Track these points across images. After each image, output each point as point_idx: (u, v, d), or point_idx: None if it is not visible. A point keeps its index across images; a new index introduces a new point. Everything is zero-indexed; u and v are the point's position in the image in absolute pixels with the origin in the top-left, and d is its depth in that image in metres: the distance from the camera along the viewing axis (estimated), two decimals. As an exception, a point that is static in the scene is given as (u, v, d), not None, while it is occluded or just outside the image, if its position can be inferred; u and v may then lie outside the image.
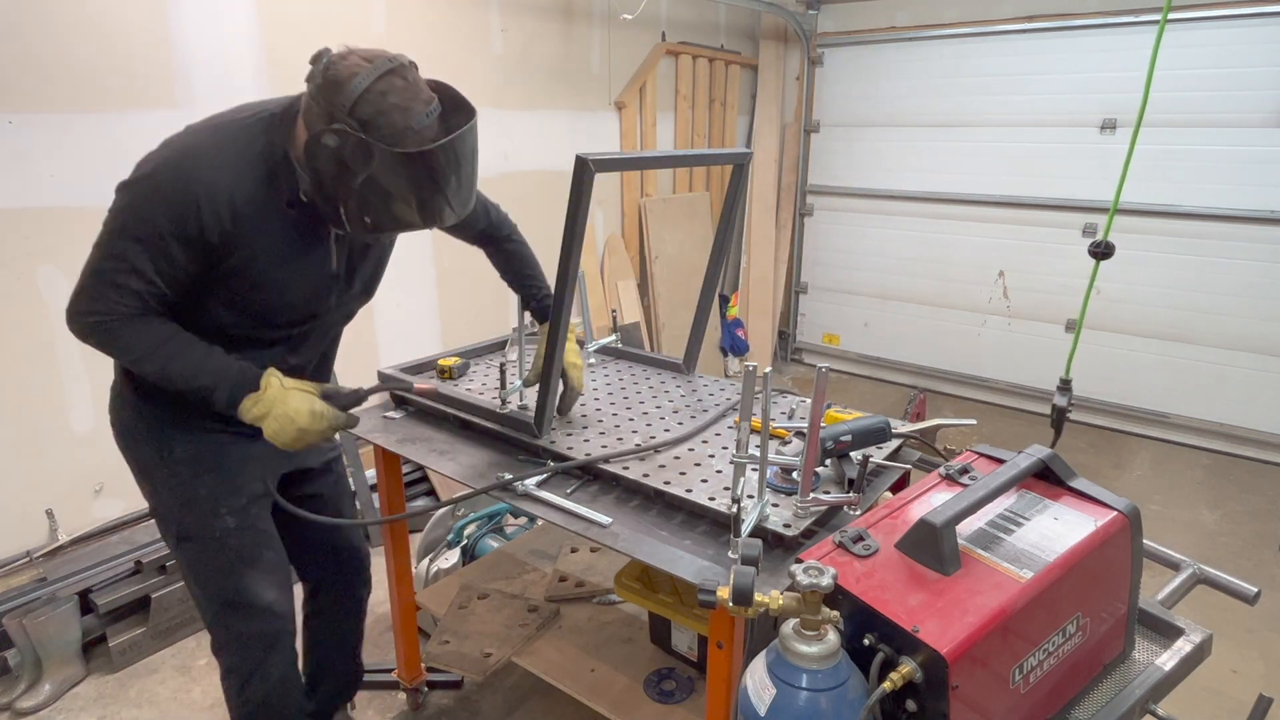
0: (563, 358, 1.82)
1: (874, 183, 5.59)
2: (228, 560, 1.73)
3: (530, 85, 4.23)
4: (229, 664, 1.82)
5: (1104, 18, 4.51)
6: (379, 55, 1.42)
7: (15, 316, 2.67)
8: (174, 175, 1.42)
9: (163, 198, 1.42)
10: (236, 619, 1.77)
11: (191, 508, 1.70)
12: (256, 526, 1.77)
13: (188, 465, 1.68)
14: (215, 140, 1.47)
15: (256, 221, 1.48)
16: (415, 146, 1.39)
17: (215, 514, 1.70)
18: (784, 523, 1.49)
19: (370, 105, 1.37)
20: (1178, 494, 4.14)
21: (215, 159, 1.44)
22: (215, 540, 1.72)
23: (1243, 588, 1.60)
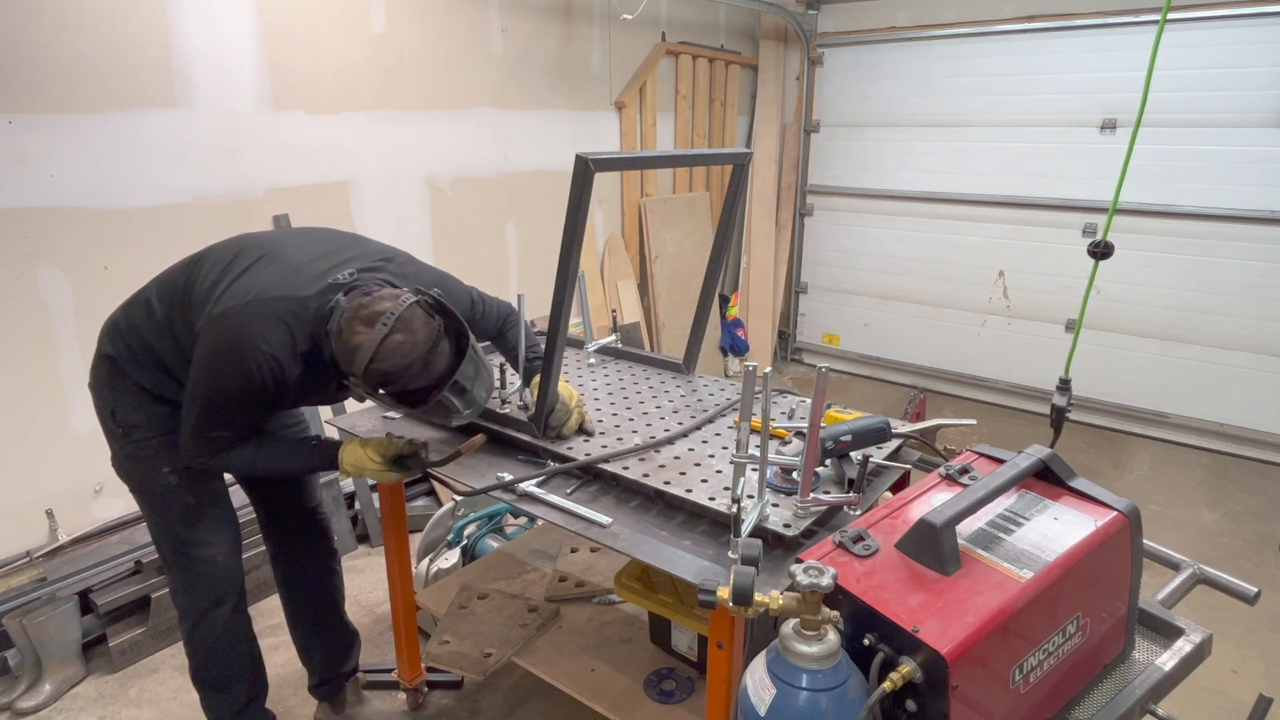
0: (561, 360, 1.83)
1: (874, 183, 5.59)
2: (172, 513, 1.99)
3: (530, 85, 4.23)
4: (180, 608, 2.07)
5: (1104, 18, 4.51)
6: (381, 313, 1.66)
7: (15, 316, 2.67)
8: (241, 361, 1.71)
9: (235, 380, 1.73)
10: (184, 567, 2.02)
11: (138, 463, 1.95)
12: (202, 488, 2.00)
13: (138, 428, 1.92)
14: (273, 333, 1.72)
15: (300, 383, 1.80)
16: (424, 382, 1.70)
17: (158, 470, 1.94)
18: (784, 523, 1.49)
19: (377, 371, 1.66)
20: (1178, 494, 4.14)
21: (271, 350, 1.72)
22: (158, 494, 1.97)
23: (1243, 588, 1.60)
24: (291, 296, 1.74)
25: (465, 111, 3.94)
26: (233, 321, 1.72)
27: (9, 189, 2.60)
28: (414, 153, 3.76)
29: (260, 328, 1.71)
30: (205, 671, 2.12)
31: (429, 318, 1.70)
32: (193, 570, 2.02)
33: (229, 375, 1.72)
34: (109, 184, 2.80)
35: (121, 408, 1.92)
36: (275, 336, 1.71)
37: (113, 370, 1.91)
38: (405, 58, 3.62)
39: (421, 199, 3.81)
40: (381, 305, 1.67)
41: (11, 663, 2.57)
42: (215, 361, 1.73)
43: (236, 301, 1.73)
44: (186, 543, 2.00)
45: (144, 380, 1.90)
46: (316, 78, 3.31)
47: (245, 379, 1.71)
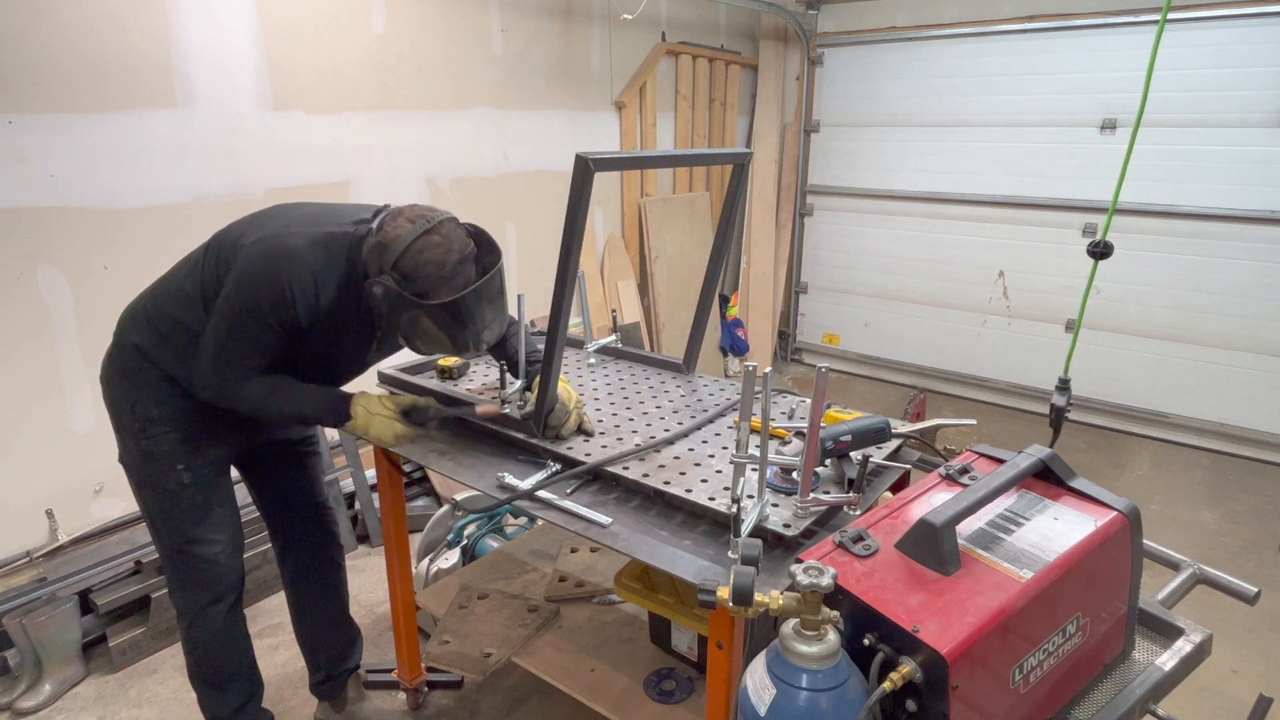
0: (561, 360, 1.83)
1: (874, 183, 5.59)
2: (180, 511, 1.97)
3: (530, 85, 4.23)
4: (178, 605, 2.07)
5: (1104, 18, 4.51)
6: (422, 215, 1.75)
7: (15, 316, 2.67)
8: (277, 276, 1.73)
9: (269, 295, 1.73)
10: (185, 565, 2.02)
11: (151, 460, 1.93)
12: (211, 485, 2.00)
13: (154, 424, 1.91)
14: (311, 250, 1.76)
15: (333, 315, 1.82)
16: (448, 295, 1.72)
17: (173, 468, 1.94)
18: (784, 523, 1.49)
19: (409, 262, 1.70)
20: (1178, 494, 4.14)
21: (310, 266, 1.75)
22: (169, 491, 1.95)
23: (1243, 588, 1.60)
24: (329, 224, 1.80)
25: (465, 111, 3.94)
26: (271, 242, 1.75)
27: (9, 189, 2.60)
28: (414, 153, 3.76)
29: (299, 244, 1.74)
30: (203, 669, 2.13)
31: (465, 236, 1.78)
32: (194, 567, 2.02)
33: (264, 289, 1.72)
34: (109, 184, 2.80)
35: (144, 400, 1.90)
36: (314, 254, 1.75)
37: (139, 359, 1.89)
38: (405, 58, 3.62)
39: (422, 199, 3.81)
40: (422, 211, 1.76)
41: (11, 663, 2.57)
42: (251, 278, 1.73)
43: (276, 229, 1.78)
44: (191, 540, 1.99)
45: (173, 368, 1.88)
46: (316, 78, 3.31)
47: (279, 295, 1.71)
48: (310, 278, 1.74)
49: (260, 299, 1.73)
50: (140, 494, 2.01)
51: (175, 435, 1.93)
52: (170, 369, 1.89)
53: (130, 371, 1.91)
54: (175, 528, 1.99)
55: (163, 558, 2.06)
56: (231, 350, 1.77)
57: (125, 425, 1.94)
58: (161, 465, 1.93)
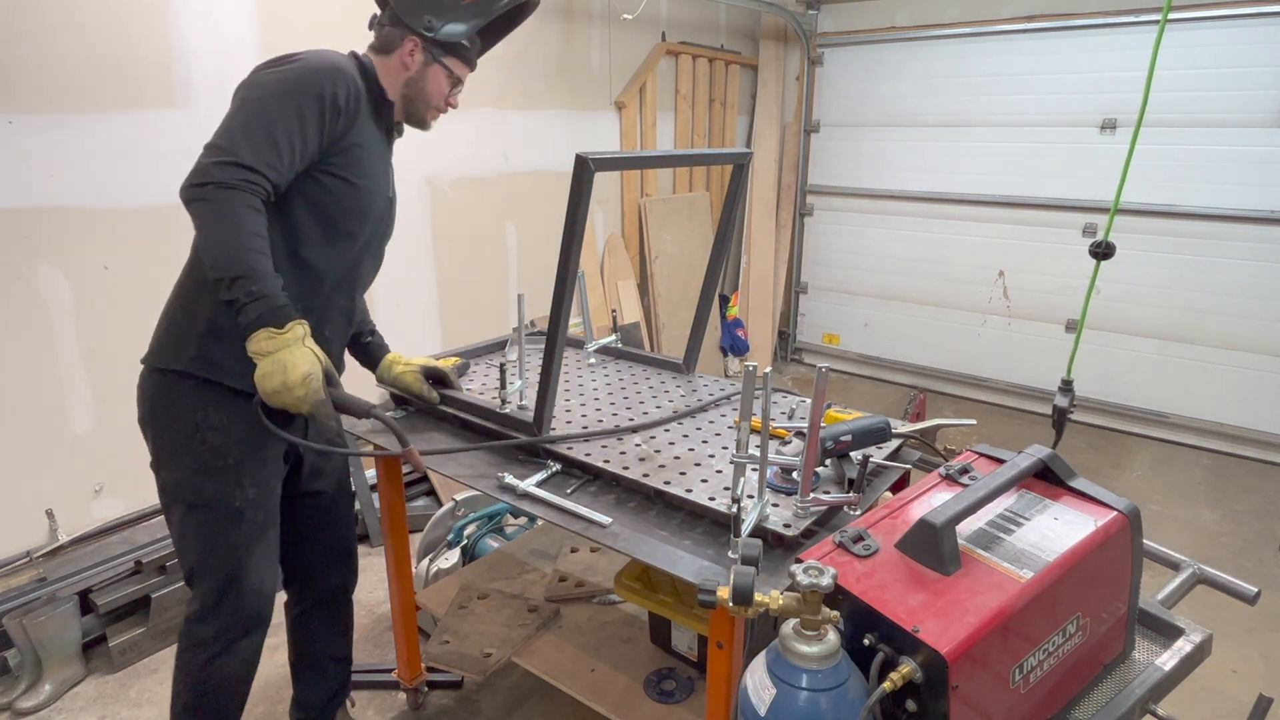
0: (561, 360, 1.83)
1: (874, 183, 5.59)
2: (240, 534, 1.76)
3: (530, 85, 4.23)
4: (203, 636, 1.80)
5: (1104, 18, 4.51)
6: None
7: (15, 316, 2.67)
8: (323, 59, 1.65)
9: (321, 70, 1.62)
10: (231, 594, 1.78)
11: (214, 476, 1.71)
12: (270, 504, 1.82)
13: (221, 431, 1.70)
14: (332, 53, 1.70)
15: (364, 116, 1.73)
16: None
17: (239, 483, 1.73)
18: (784, 523, 1.49)
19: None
20: (1178, 494, 4.14)
21: (341, 61, 1.69)
22: (233, 511, 1.74)
23: (1243, 588, 1.60)
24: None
25: (465, 111, 3.93)
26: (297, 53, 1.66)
27: (9, 189, 2.60)
28: (414, 153, 3.75)
29: (335, 58, 1.68)
30: (206, 707, 1.86)
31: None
32: (238, 597, 1.79)
33: (301, 74, 1.59)
34: (109, 184, 2.80)
35: (214, 413, 1.68)
36: (350, 64, 1.70)
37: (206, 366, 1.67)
38: (405, 58, 3.61)
39: (421, 199, 3.81)
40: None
41: (11, 663, 2.57)
42: (295, 57, 1.64)
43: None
44: (243, 568, 1.77)
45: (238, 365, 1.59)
46: (316, 78, 3.31)
47: (317, 84, 1.58)
48: (354, 80, 1.66)
49: (296, 81, 1.58)
50: (188, 519, 1.76)
51: (239, 449, 1.71)
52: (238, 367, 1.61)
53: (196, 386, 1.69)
54: (228, 556, 1.76)
55: (202, 585, 1.79)
56: (271, 126, 1.54)
57: (182, 442, 1.71)
58: (225, 481, 1.72)
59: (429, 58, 1.79)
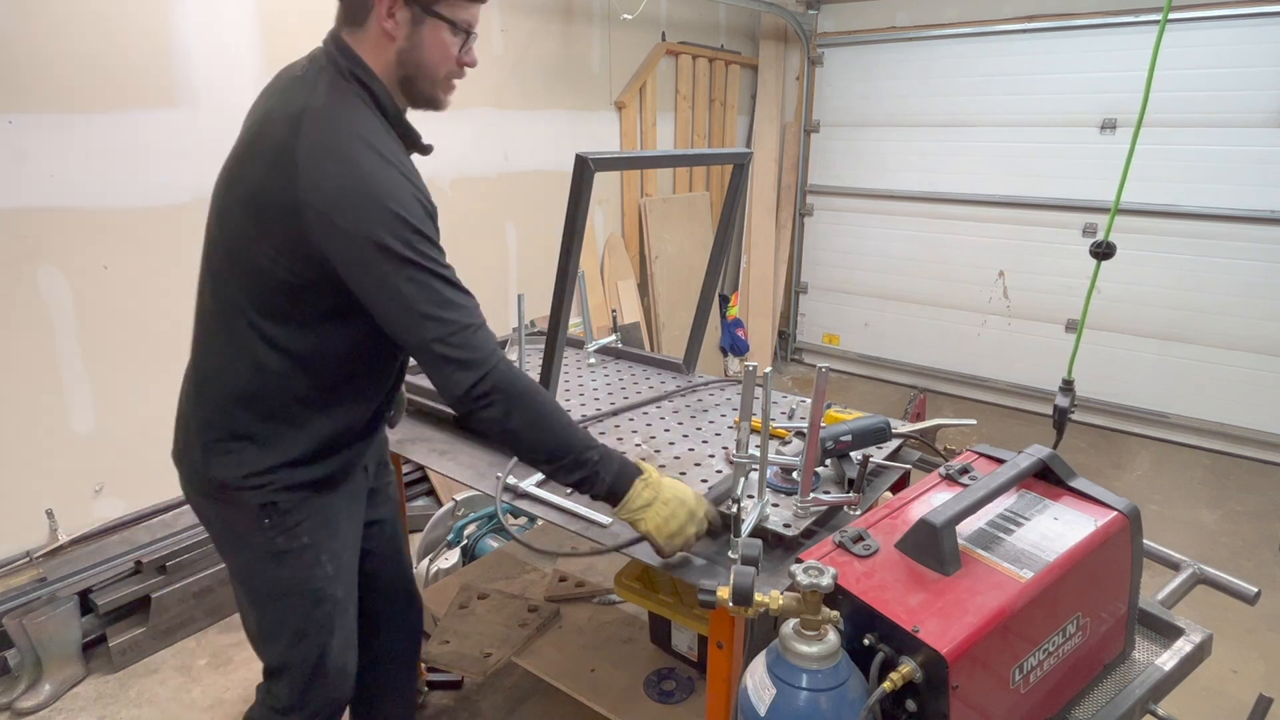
0: (561, 360, 1.82)
1: (874, 183, 5.59)
2: (322, 615, 1.58)
3: (530, 85, 4.23)
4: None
5: (1104, 18, 4.51)
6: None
7: (15, 316, 2.67)
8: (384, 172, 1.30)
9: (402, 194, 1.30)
10: (318, 682, 1.61)
11: (288, 561, 1.52)
12: (350, 577, 1.64)
13: (292, 514, 1.50)
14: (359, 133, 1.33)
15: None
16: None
17: (317, 562, 1.54)
18: (784, 523, 1.49)
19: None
20: (1178, 494, 4.14)
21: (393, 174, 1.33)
22: (313, 593, 1.55)
23: (1243, 588, 1.60)
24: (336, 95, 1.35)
25: (465, 111, 3.93)
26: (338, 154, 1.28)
27: (9, 189, 2.60)
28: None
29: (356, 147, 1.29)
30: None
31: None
32: (324, 683, 1.61)
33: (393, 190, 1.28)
34: (109, 184, 2.80)
35: (280, 497, 1.47)
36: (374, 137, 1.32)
37: (259, 453, 1.45)
38: (405, 58, 3.61)
39: (421, 199, 3.80)
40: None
41: (11, 663, 2.57)
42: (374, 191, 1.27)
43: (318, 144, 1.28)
44: (328, 651, 1.59)
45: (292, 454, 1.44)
46: (316, 78, 3.31)
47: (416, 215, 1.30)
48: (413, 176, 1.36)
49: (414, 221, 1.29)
50: (266, 611, 1.57)
51: (308, 523, 1.51)
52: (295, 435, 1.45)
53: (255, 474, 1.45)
54: (314, 642, 1.57)
55: (285, 678, 1.61)
56: (442, 295, 1.30)
57: (249, 535, 1.51)
58: (302, 564, 1.52)
59: (416, 13, 1.37)
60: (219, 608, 2.96)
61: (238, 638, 2.87)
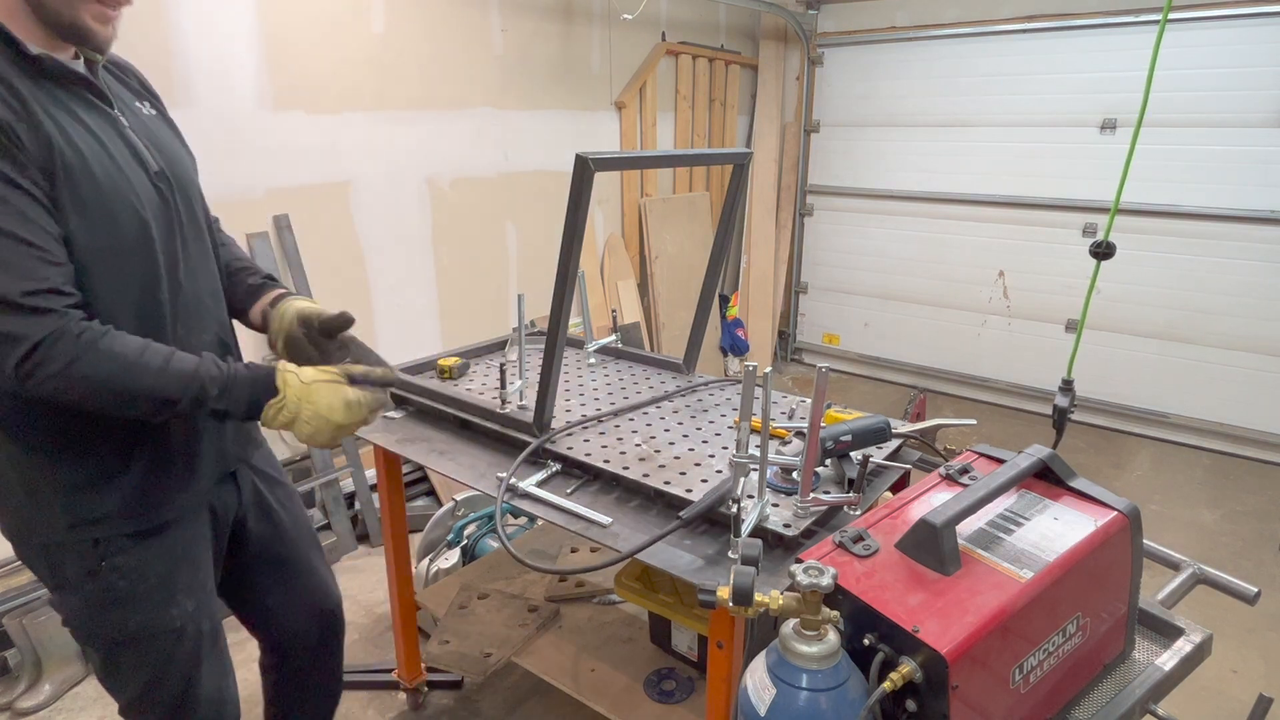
0: (561, 360, 1.82)
1: (874, 183, 5.59)
2: (185, 652, 1.44)
3: (530, 85, 4.23)
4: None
5: (1104, 18, 4.50)
6: None
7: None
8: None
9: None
10: (186, 716, 1.48)
11: (136, 605, 1.37)
12: (213, 604, 1.52)
13: (134, 554, 1.35)
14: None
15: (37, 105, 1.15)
16: None
17: (171, 600, 1.40)
18: (784, 523, 1.49)
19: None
20: (1178, 494, 4.14)
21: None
22: (171, 634, 1.41)
23: (1243, 588, 1.60)
24: None
25: (465, 111, 3.94)
26: None
27: None
28: (414, 153, 3.76)
29: None
30: None
31: None
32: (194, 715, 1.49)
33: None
34: (109, 184, 2.80)
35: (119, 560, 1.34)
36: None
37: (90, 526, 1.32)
38: (405, 58, 3.62)
39: (421, 199, 3.81)
40: None
41: (11, 663, 2.57)
42: None
43: None
44: (193, 685, 1.46)
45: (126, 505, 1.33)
46: (316, 78, 3.31)
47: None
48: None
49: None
50: (113, 657, 1.40)
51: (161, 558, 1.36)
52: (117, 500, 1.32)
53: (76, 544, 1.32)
54: (177, 680, 1.43)
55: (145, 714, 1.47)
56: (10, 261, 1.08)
57: (73, 576, 1.33)
58: (152, 603, 1.37)
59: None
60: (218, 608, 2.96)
61: (237, 637, 2.87)
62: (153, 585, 1.38)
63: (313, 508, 3.38)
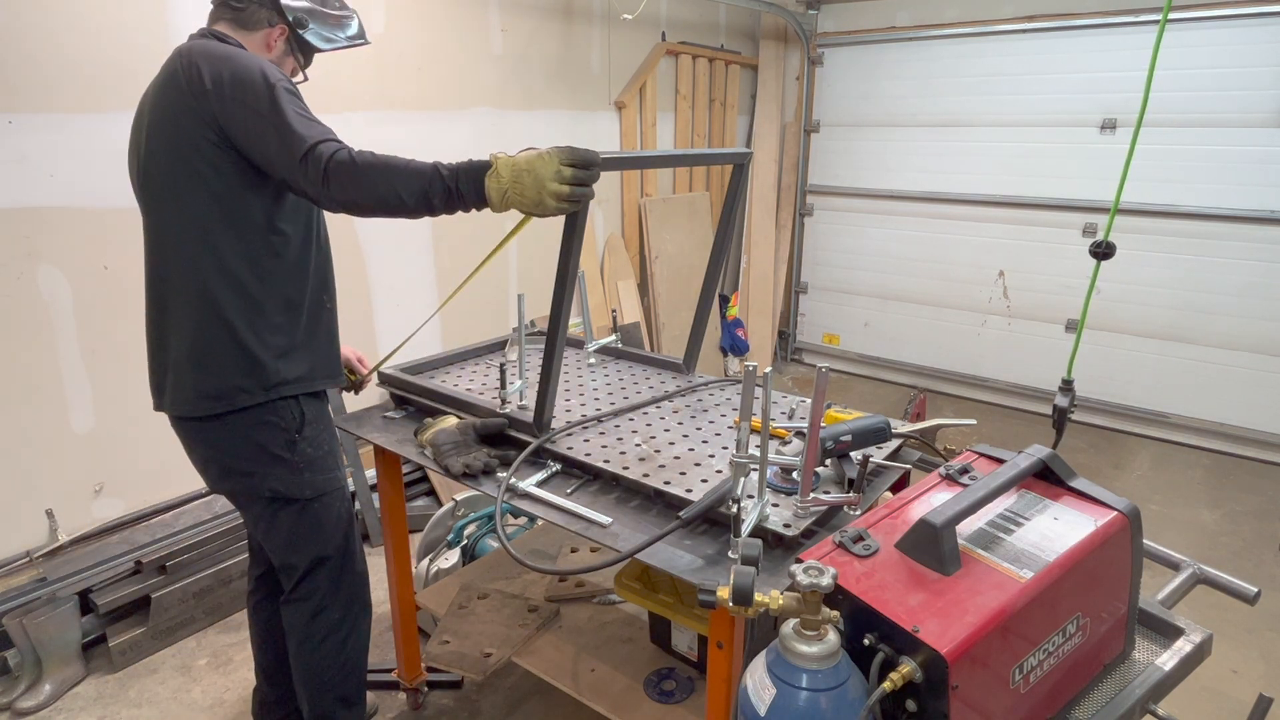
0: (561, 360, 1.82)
1: (874, 183, 5.59)
2: (346, 510, 1.97)
3: (530, 85, 4.23)
4: (336, 619, 1.99)
5: (1104, 18, 4.51)
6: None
7: (15, 316, 2.67)
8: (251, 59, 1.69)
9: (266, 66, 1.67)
10: (349, 573, 1.99)
11: (321, 467, 1.89)
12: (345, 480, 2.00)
13: (315, 427, 1.88)
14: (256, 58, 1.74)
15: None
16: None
17: (339, 465, 1.95)
18: (784, 523, 1.49)
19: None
20: (1178, 494, 4.14)
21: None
22: (339, 491, 1.94)
23: (1243, 588, 1.60)
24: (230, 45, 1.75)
25: (465, 111, 3.94)
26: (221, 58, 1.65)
27: (9, 189, 2.60)
28: (414, 153, 3.71)
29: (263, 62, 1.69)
30: (348, 683, 2.05)
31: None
32: (353, 573, 2.01)
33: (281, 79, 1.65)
34: (109, 184, 2.80)
35: (307, 420, 1.86)
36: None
37: (290, 385, 1.82)
38: (405, 57, 3.62)
39: (421, 199, 3.81)
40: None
41: (11, 663, 2.57)
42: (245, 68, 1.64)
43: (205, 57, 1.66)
44: (351, 538, 2.00)
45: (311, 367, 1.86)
46: (316, 78, 3.29)
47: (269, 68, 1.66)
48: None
49: (269, 74, 1.64)
50: (303, 516, 1.90)
51: (329, 427, 1.91)
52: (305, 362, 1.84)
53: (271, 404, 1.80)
54: (346, 535, 1.97)
55: (320, 575, 1.95)
56: (307, 116, 1.65)
57: (277, 454, 1.83)
58: (328, 466, 1.91)
59: (289, 48, 1.90)
60: (219, 608, 2.96)
61: (238, 637, 2.88)
62: (325, 453, 1.91)
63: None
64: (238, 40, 1.79)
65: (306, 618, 1.97)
